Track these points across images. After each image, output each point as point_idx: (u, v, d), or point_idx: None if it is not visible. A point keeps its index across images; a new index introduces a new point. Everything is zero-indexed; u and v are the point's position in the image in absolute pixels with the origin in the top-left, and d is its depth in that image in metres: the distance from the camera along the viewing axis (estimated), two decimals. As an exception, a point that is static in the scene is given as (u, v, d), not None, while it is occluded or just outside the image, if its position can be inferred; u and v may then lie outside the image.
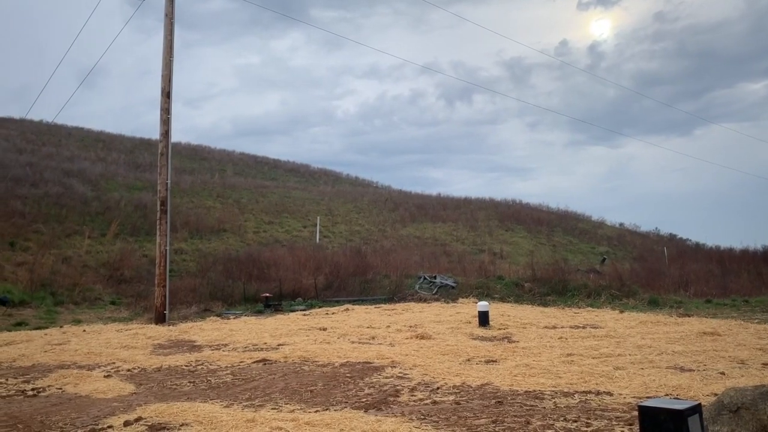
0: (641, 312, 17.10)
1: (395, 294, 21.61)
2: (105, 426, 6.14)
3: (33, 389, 8.02)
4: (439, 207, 42.51)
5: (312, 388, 7.87)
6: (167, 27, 16.46)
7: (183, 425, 6.03)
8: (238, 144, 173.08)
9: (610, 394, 7.30)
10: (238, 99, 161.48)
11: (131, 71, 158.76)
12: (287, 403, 7.03)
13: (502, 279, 23.56)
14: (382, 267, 24.61)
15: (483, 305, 14.51)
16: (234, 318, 17.01)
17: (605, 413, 6.43)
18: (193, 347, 11.55)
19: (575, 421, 6.12)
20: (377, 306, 19.44)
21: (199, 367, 9.45)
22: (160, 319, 15.74)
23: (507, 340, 12.09)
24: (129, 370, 9.31)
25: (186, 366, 9.56)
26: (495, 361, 9.62)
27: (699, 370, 8.64)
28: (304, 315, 17.40)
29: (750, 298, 19.58)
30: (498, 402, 6.99)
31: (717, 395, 6.04)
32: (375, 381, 8.22)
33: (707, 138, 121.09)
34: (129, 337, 12.73)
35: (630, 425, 5.93)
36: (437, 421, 6.17)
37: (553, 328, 13.83)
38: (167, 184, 16.41)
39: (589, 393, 7.38)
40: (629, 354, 10.02)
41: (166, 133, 16.45)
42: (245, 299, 20.62)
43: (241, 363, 9.69)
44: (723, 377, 8.11)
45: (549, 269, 24.26)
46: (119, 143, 50.27)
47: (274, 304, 19.64)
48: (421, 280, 23.21)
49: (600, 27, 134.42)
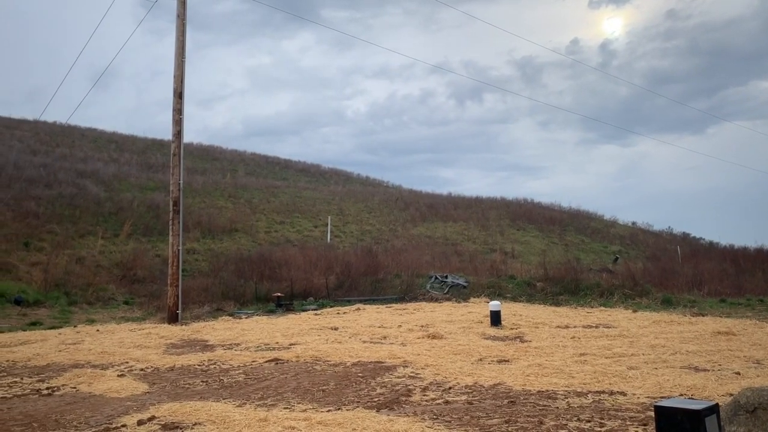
0: (654, 311, 16.98)
1: (406, 293, 21.59)
2: (119, 425, 6.17)
3: (48, 388, 8.08)
4: (450, 206, 42.43)
5: (324, 387, 7.88)
6: (179, 28, 16.54)
7: (196, 424, 6.05)
8: (249, 144, 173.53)
9: (623, 394, 7.25)
10: (249, 99, 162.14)
11: (143, 72, 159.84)
12: (299, 403, 7.04)
13: (513, 278, 23.48)
14: (393, 266, 24.60)
15: (495, 305, 14.46)
16: (246, 317, 17.06)
17: (619, 413, 6.39)
18: (206, 347, 11.59)
19: (589, 421, 6.09)
20: (388, 305, 19.43)
21: (212, 367, 9.48)
22: (172, 319, 15.81)
23: (519, 339, 12.04)
24: (142, 369, 9.36)
25: (199, 365, 9.59)
26: (507, 361, 9.58)
27: (714, 370, 8.57)
28: (315, 314, 17.43)
29: (765, 297, 19.38)
30: (511, 402, 6.96)
31: (733, 395, 5.98)
32: (387, 380, 8.21)
33: (720, 136, 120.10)
34: (142, 337, 12.81)
35: (644, 425, 5.88)
36: (450, 421, 6.15)
37: (566, 327, 13.77)
38: (180, 184, 16.48)
39: (603, 393, 7.33)
40: (643, 354, 9.95)
41: (178, 134, 16.52)
42: (257, 299, 20.68)
43: (254, 362, 9.72)
44: (738, 377, 8.03)
45: (561, 268, 24.15)
46: (132, 144, 50.58)
47: (285, 303, 19.68)
48: (433, 279, 23.17)
49: (611, 25, 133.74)
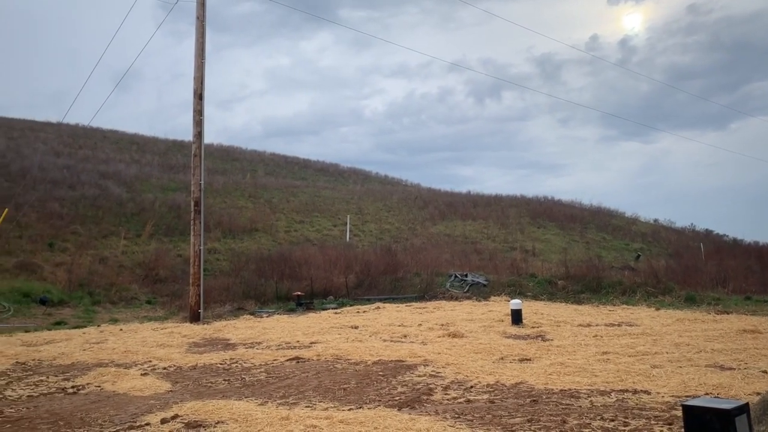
0: (678, 309, 16.77)
1: (426, 292, 21.55)
2: (143, 423, 6.24)
3: (73, 387, 8.19)
4: (470, 204, 42.26)
5: (345, 386, 7.89)
6: (199, 30, 16.66)
7: (219, 423, 6.09)
8: (268, 144, 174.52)
9: (647, 392, 7.17)
10: (268, 100, 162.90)
11: (164, 75, 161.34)
12: (321, 401, 7.06)
13: (534, 277, 23.33)
14: (412, 265, 24.56)
15: (516, 303, 14.38)
16: (267, 316, 17.15)
17: (643, 412, 6.31)
18: (228, 345, 11.67)
19: (612, 420, 6.02)
20: (408, 304, 19.41)
21: (234, 365, 9.54)
22: (194, 318, 15.95)
23: (541, 338, 11.96)
24: (165, 368, 9.45)
25: (221, 364, 9.66)
26: (529, 360, 9.52)
27: (740, 368, 8.43)
28: (335, 313, 17.47)
29: (792, 294, 19.04)
30: (533, 401, 6.91)
31: (760, 394, 5.88)
32: (408, 379, 8.20)
33: (744, 131, 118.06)
34: (165, 336, 12.93)
35: (669, 425, 5.81)
36: (471, 420, 6.13)
37: (588, 326, 13.65)
38: (200, 184, 16.61)
39: (626, 392, 7.25)
40: (667, 352, 9.83)
41: (199, 135, 16.65)
42: (278, 298, 20.79)
43: (275, 361, 9.76)
44: (765, 376, 7.90)
45: (582, 266, 23.95)
46: (153, 145, 51.10)
47: (305, 302, 19.75)
48: (452, 278, 23.10)
49: (631, 21, 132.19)
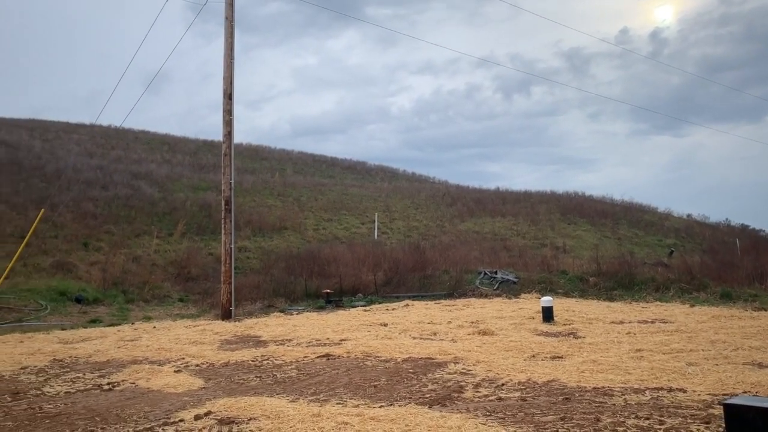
0: (713, 306, 16.42)
1: (455, 290, 21.46)
2: (177, 419, 6.32)
3: (108, 383, 8.33)
4: (498, 201, 41.96)
5: (375, 383, 7.89)
6: (227, 30, 16.81)
7: (251, 419, 6.14)
8: (296, 143, 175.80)
9: (683, 391, 7.03)
10: (295, 99, 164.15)
11: (194, 76, 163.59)
12: (351, 398, 7.07)
13: (565, 273, 23.07)
14: (441, 262, 24.48)
15: (547, 300, 14.24)
16: (297, 314, 17.26)
17: (679, 411, 6.19)
18: (259, 342, 11.77)
19: (647, 419, 5.92)
20: (437, 302, 19.36)
21: (265, 362, 9.62)
22: (226, 316, 16.12)
23: (572, 335, 11.82)
24: (198, 365, 9.56)
25: (252, 361, 9.74)
26: (561, 357, 9.42)
27: (780, 366, 8.22)
28: (364, 311, 17.50)
29: (833, 291, 18.52)
30: (565, 399, 6.83)
31: (802, 393, 5.72)
32: (438, 377, 8.17)
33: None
34: (197, 333, 13.09)
35: (706, 423, 5.69)
36: (503, 418, 6.08)
37: (621, 323, 13.45)
38: (231, 183, 16.77)
39: (661, 390, 7.13)
40: (702, 349, 9.63)
41: (228, 134, 16.80)
42: (307, 295, 20.92)
43: (305, 358, 9.81)
44: (807, 374, 7.69)
45: (614, 263, 23.61)
46: (183, 145, 51.80)
47: (334, 299, 19.83)
48: (482, 275, 22.96)
49: (662, 13, 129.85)
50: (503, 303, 18.46)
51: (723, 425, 4.65)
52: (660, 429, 5.61)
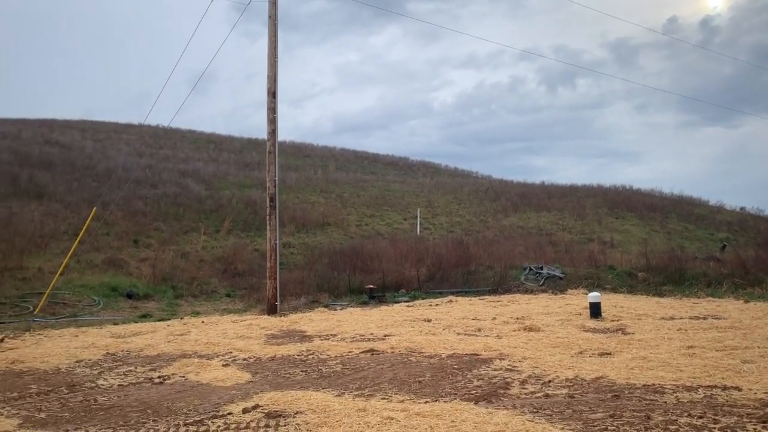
0: (770, 302, 15.85)
1: (500, 285, 21.26)
2: (225, 412, 6.43)
3: (159, 377, 8.54)
4: (543, 195, 41.36)
5: (420, 378, 7.88)
6: (271, 28, 16.97)
7: (298, 413, 6.20)
8: (338, 140, 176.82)
9: (738, 389, 6.81)
10: (337, 96, 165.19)
11: (238, 75, 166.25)
12: (396, 393, 7.08)
13: (613, 269, 22.61)
14: (485, 258, 24.27)
15: (594, 296, 13.98)
16: (340, 309, 17.37)
17: (734, 409, 6.00)
18: (304, 337, 11.89)
19: (700, 417, 5.76)
20: (481, 297, 19.21)
21: (310, 357, 9.71)
22: (271, 311, 16.33)
23: (621, 332, 11.57)
24: (245, 359, 9.71)
25: (298, 355, 9.85)
26: (609, 354, 9.23)
27: (842, 365, 7.88)
28: (407, 306, 17.49)
29: None
30: (615, 396, 6.69)
31: None
32: (483, 373, 8.11)
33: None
34: (244, 328, 13.29)
35: (764, 423, 5.50)
36: (551, 415, 6.00)
37: (671, 319, 13.11)
38: (275, 181, 16.96)
39: (715, 387, 6.92)
40: (758, 346, 9.31)
41: (273, 132, 16.99)
42: (350, 291, 21.02)
43: (350, 353, 9.86)
44: None
45: (664, 257, 23.01)
46: (229, 144, 52.71)
47: (378, 295, 19.88)
48: (527, 271, 22.69)
49: (713, 0, 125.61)
50: (549, 299, 18.20)
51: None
52: (714, 428, 5.45)
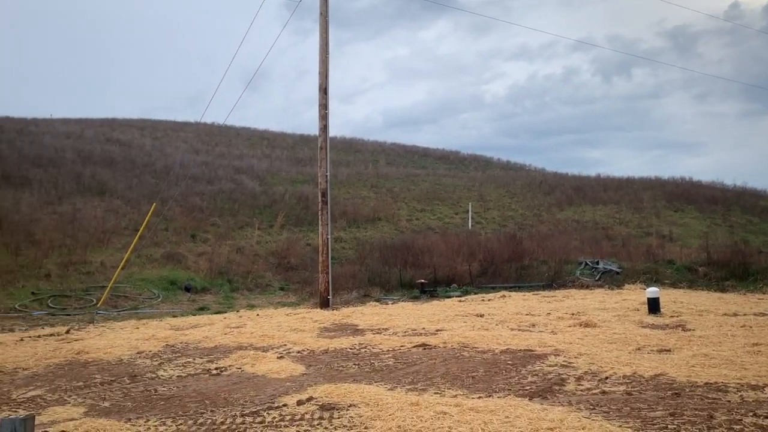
0: (843, 298, 15.09)
1: (554, 280, 20.92)
2: (280, 404, 6.54)
3: (216, 368, 8.74)
4: (599, 188, 40.42)
5: (473, 374, 7.83)
6: (322, 25, 17.10)
7: (351, 406, 6.25)
8: (389, 135, 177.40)
9: (808, 389, 6.51)
10: (387, 91, 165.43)
11: (291, 72, 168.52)
12: (449, 388, 7.05)
13: (672, 263, 21.94)
14: (539, 252, 23.91)
15: (652, 291, 13.59)
16: (392, 303, 17.43)
17: (805, 410, 5.73)
18: (356, 331, 11.97)
19: (767, 417, 5.53)
20: (535, 293, 18.94)
21: (363, 350, 9.77)
22: (324, 304, 16.51)
23: (681, 328, 11.22)
24: (299, 351, 9.85)
25: (350, 349, 9.93)
26: (669, 351, 8.96)
27: None
28: (459, 301, 17.40)
29: None
30: (675, 394, 6.49)
31: None
32: (538, 369, 8.00)
33: None
34: (297, 321, 13.49)
35: (838, 425, 5.23)
36: (608, 412, 5.86)
37: (734, 315, 12.63)
38: (327, 176, 17.12)
39: (783, 387, 6.63)
40: (830, 345, 8.87)
41: (324, 128, 17.14)
42: (401, 285, 21.06)
43: (402, 347, 9.88)
44: None
45: (726, 251, 22.17)
46: (282, 140, 53.49)
47: (429, 289, 19.85)
48: (582, 265, 22.25)
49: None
50: (605, 294, 17.81)
51: None
52: (783, 429, 5.23)
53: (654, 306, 13.20)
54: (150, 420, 6.08)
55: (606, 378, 7.36)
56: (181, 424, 5.93)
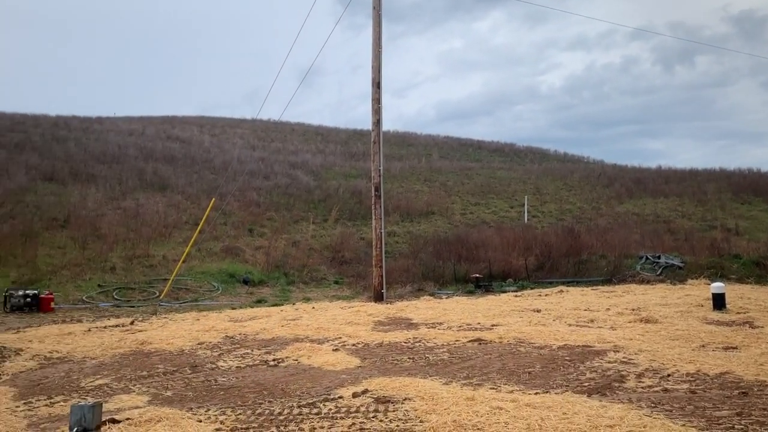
0: None
1: (613, 275, 20.41)
2: (336, 396, 6.61)
3: (274, 360, 8.91)
4: (660, 180, 39.18)
5: (530, 369, 7.72)
6: (375, 19, 17.13)
7: (406, 399, 6.26)
8: (442, 128, 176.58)
9: None
10: (441, 84, 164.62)
11: (344, 68, 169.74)
12: (505, 384, 6.98)
13: (738, 258, 21.07)
14: (597, 247, 23.38)
15: (718, 286, 13.08)
16: (446, 298, 17.36)
17: None
18: (410, 325, 11.98)
19: None
20: (594, 288, 18.53)
21: (417, 344, 9.77)
22: (378, 298, 16.60)
23: (748, 325, 10.77)
24: (354, 344, 9.93)
25: (404, 342, 9.94)
26: (735, 348, 8.62)
27: None
28: (515, 296, 17.19)
29: None
30: (742, 393, 6.24)
31: None
32: (597, 365, 7.82)
33: None
34: (352, 314, 13.60)
35: None
36: (670, 410, 5.69)
37: (808, 312, 12.04)
38: (380, 170, 17.18)
39: None
40: None
41: (377, 122, 17.20)
42: (455, 279, 20.95)
43: (457, 342, 9.83)
44: None
45: (798, 246, 21.16)
46: (335, 135, 53.96)
47: (484, 284, 19.68)
48: (643, 260, 21.63)
49: None
50: (667, 289, 17.27)
51: None
52: None
53: (719, 302, 12.71)
54: (210, 409, 6.24)
55: (668, 375, 7.14)
56: (240, 413, 6.07)
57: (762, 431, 5.10)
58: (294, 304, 16.74)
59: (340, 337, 10.56)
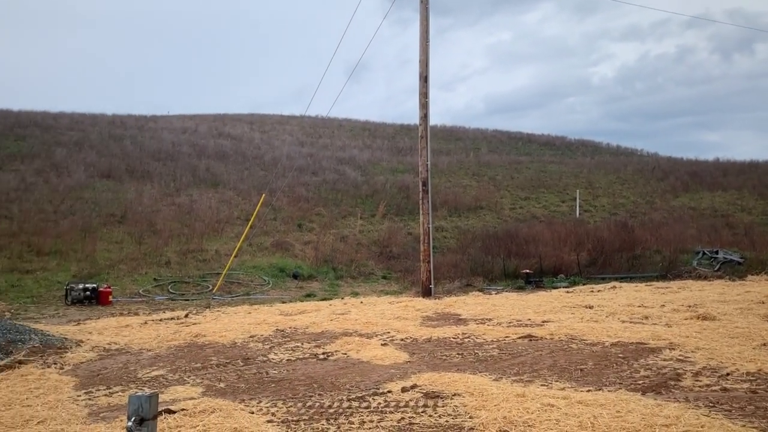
0: None
1: (669, 271, 19.85)
2: (385, 390, 6.64)
3: (323, 353, 9.00)
4: (718, 173, 37.87)
5: (582, 366, 7.59)
6: (423, 13, 17.05)
7: (455, 395, 6.24)
8: (491, 122, 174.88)
9: None
10: (489, 77, 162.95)
11: (391, 63, 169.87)
12: (557, 381, 6.87)
13: (803, 253, 20.23)
14: (652, 242, 22.79)
15: (780, 283, 12.57)
16: (495, 293, 17.21)
17: None
18: (459, 320, 11.92)
19: None
20: (648, 284, 18.05)
21: (466, 340, 9.71)
22: (426, 293, 16.58)
23: (814, 323, 10.30)
24: (402, 339, 9.94)
25: (453, 338, 9.90)
26: (800, 348, 8.26)
27: None
28: (566, 292, 16.89)
29: None
30: (808, 395, 5.98)
31: None
32: (651, 363, 7.62)
33: None
34: (400, 309, 13.61)
35: None
36: (730, 410, 5.50)
37: None
38: (427, 165, 17.12)
39: None
40: None
41: (424, 117, 17.13)
42: (505, 275, 20.75)
43: (506, 338, 9.73)
44: None
45: None
46: (382, 130, 54.04)
47: (534, 280, 19.42)
48: (700, 255, 20.98)
49: None
50: (725, 285, 16.68)
51: None
52: None
53: (782, 299, 12.21)
54: (262, 401, 6.36)
55: (727, 374, 6.91)
56: (291, 406, 6.16)
57: (829, 434, 4.88)
58: (342, 298, 16.87)
59: (388, 332, 10.58)
